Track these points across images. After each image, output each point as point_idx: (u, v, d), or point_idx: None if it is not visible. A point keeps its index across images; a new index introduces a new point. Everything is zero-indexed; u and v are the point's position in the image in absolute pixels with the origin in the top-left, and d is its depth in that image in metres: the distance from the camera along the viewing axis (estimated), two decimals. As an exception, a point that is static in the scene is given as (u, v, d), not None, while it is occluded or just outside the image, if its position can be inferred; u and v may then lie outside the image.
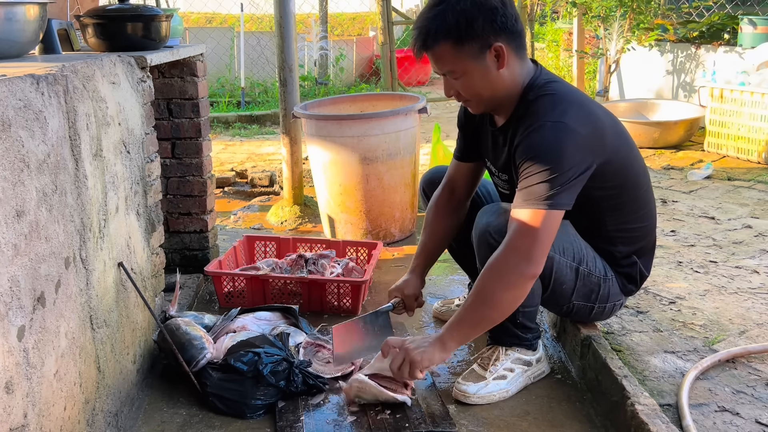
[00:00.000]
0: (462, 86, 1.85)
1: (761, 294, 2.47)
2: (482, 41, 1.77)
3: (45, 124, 1.41)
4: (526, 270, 1.77)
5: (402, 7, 11.30)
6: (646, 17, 5.47)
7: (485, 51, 1.78)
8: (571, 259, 1.94)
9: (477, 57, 1.78)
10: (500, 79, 1.82)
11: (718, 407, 1.78)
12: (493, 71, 1.81)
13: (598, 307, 2.06)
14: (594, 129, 1.79)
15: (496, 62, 1.80)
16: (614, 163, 1.86)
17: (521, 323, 2.02)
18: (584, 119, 1.78)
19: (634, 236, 2.03)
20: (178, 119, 2.79)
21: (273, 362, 1.98)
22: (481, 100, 1.89)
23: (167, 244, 2.77)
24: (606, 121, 1.87)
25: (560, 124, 1.74)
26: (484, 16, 1.75)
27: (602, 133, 1.82)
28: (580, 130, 1.75)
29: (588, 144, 1.77)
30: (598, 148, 1.80)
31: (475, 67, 1.80)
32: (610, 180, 1.88)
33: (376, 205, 3.31)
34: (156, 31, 2.25)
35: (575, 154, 1.74)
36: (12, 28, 1.71)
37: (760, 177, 4.13)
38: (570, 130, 1.74)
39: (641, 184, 2.00)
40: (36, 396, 1.34)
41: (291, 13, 3.66)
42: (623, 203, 1.97)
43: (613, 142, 1.86)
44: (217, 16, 11.26)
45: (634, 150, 2.00)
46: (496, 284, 1.79)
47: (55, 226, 1.45)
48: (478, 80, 1.82)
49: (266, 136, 6.27)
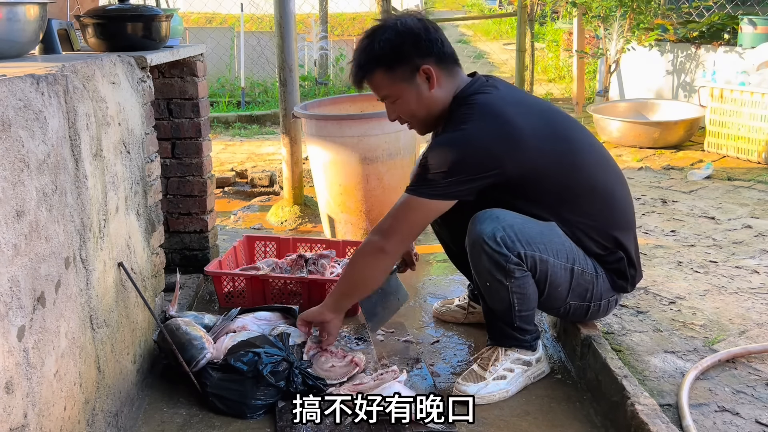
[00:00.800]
0: (400, 109, 2.01)
1: (761, 294, 2.47)
2: (411, 65, 1.93)
3: (45, 124, 1.41)
4: (377, 242, 1.98)
5: (402, 8, 11.30)
6: (646, 17, 5.47)
7: (415, 74, 1.93)
8: (565, 260, 1.95)
9: (408, 80, 1.94)
10: (433, 99, 1.96)
11: (718, 407, 1.78)
12: (425, 92, 1.96)
13: (594, 305, 2.06)
14: (502, 138, 1.85)
15: (427, 83, 1.95)
16: (540, 169, 1.89)
17: (519, 326, 2.03)
18: (491, 129, 1.86)
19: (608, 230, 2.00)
20: (178, 119, 2.79)
21: (273, 362, 1.98)
22: (419, 120, 2.04)
23: (167, 244, 2.77)
24: (530, 130, 1.88)
25: (459, 131, 1.87)
26: (409, 42, 1.91)
27: (514, 142, 1.86)
28: (480, 135, 1.84)
29: (485, 152, 1.85)
30: (506, 153, 1.85)
31: (408, 89, 1.96)
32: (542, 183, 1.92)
33: (376, 205, 3.31)
34: (156, 31, 2.25)
35: (460, 157, 1.84)
36: (12, 28, 1.71)
37: (760, 177, 4.14)
38: (465, 137, 1.86)
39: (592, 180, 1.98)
40: (36, 396, 1.34)
41: (291, 13, 3.66)
42: (578, 201, 1.97)
43: (537, 147, 1.88)
44: (217, 16, 11.26)
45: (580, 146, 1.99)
46: (358, 251, 2.07)
47: (55, 226, 1.45)
48: (413, 102, 1.97)
49: (266, 136, 6.27)
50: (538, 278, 1.94)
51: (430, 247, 3.31)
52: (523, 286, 1.93)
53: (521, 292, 1.94)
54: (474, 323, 2.49)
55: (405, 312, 2.64)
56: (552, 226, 1.97)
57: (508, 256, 1.88)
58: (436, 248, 3.27)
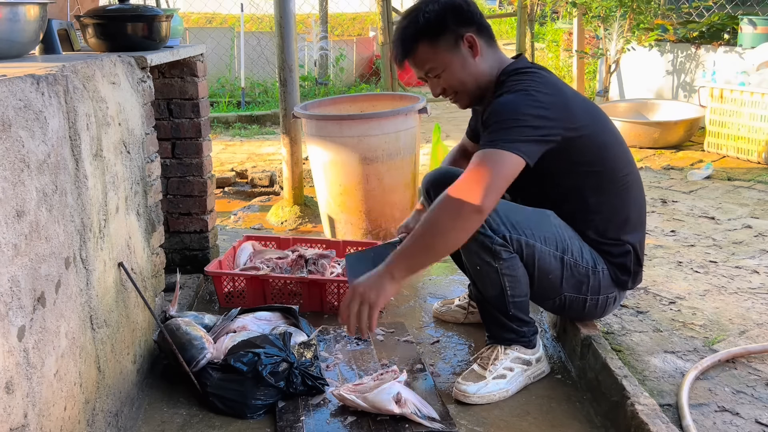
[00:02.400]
0: (445, 81, 2.01)
1: (761, 294, 2.47)
2: (454, 34, 1.95)
3: (45, 124, 1.41)
4: (471, 204, 1.75)
5: (402, 8, 11.30)
6: (646, 17, 5.47)
7: (459, 42, 1.96)
8: (554, 248, 1.97)
9: (453, 49, 1.96)
10: (477, 68, 1.99)
11: (718, 407, 1.78)
12: (470, 60, 1.98)
13: (591, 299, 2.06)
14: (559, 100, 1.89)
15: (470, 51, 1.97)
16: (585, 139, 1.93)
17: (514, 315, 2.03)
18: (548, 92, 1.88)
19: (623, 220, 2.04)
20: (178, 119, 2.79)
21: (272, 363, 1.98)
22: (465, 90, 2.03)
23: (167, 244, 2.77)
24: (575, 100, 1.96)
25: (521, 91, 1.87)
26: (452, 13, 1.95)
27: (569, 106, 1.91)
28: (541, 98, 1.86)
29: (549, 110, 1.86)
30: (562, 118, 1.88)
31: (453, 58, 1.97)
32: (585, 155, 1.95)
33: (376, 205, 3.31)
34: (156, 32, 2.25)
35: (534, 112, 1.83)
36: (12, 28, 1.71)
37: (760, 177, 4.14)
38: (531, 96, 1.86)
39: (620, 166, 2.04)
40: (36, 396, 1.34)
41: (291, 13, 3.66)
42: (603, 183, 2.01)
43: (584, 118, 1.94)
44: (217, 16, 11.26)
45: (612, 134, 2.05)
46: (443, 212, 1.78)
47: (55, 226, 1.45)
48: (459, 70, 1.98)
49: (266, 136, 6.27)
50: (525, 262, 1.96)
51: (430, 247, 3.31)
52: (513, 267, 1.95)
53: (511, 274, 1.95)
54: (474, 323, 2.49)
55: (405, 312, 2.64)
56: (546, 214, 2.01)
57: (492, 238, 1.91)
58: (436, 248, 3.27)
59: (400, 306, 2.68)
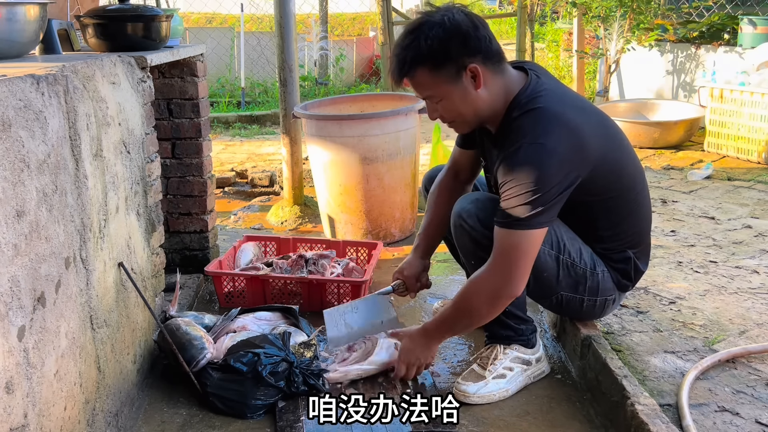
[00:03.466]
0: (443, 109, 1.90)
1: (761, 294, 2.47)
2: (457, 64, 1.80)
3: (45, 124, 1.41)
4: (507, 290, 1.85)
5: (402, 8, 11.30)
6: (646, 17, 5.47)
7: (461, 73, 1.81)
8: (550, 247, 1.95)
9: (454, 80, 1.82)
10: (479, 99, 1.85)
11: (718, 407, 1.78)
12: (472, 92, 1.84)
13: (589, 300, 2.06)
14: (575, 144, 1.79)
15: (473, 83, 1.83)
16: (602, 170, 1.87)
17: (511, 312, 2.03)
18: (565, 136, 1.78)
19: (629, 237, 2.03)
20: (178, 119, 2.79)
21: (272, 363, 1.98)
22: (464, 121, 1.93)
23: (167, 244, 2.77)
24: (589, 129, 1.85)
25: (538, 146, 1.75)
26: (457, 41, 1.79)
27: (585, 146, 1.81)
28: (559, 149, 1.76)
29: (568, 161, 1.77)
30: (580, 162, 1.80)
31: (454, 89, 1.84)
32: (600, 185, 1.90)
33: (376, 205, 3.31)
34: (156, 32, 2.25)
35: (555, 174, 1.76)
36: (12, 28, 1.71)
37: (760, 177, 4.13)
38: (549, 151, 1.75)
39: (635, 186, 2.00)
40: (36, 396, 1.34)
41: (291, 13, 3.66)
42: (617, 206, 1.98)
43: (599, 149, 1.86)
44: (217, 16, 11.26)
45: (626, 151, 2.00)
46: (478, 299, 1.89)
47: (55, 226, 1.45)
48: (459, 102, 1.86)
49: (266, 136, 6.27)
50: None
51: (430, 247, 3.31)
52: None
53: None
54: (474, 323, 2.49)
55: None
56: None
57: (485, 233, 1.90)
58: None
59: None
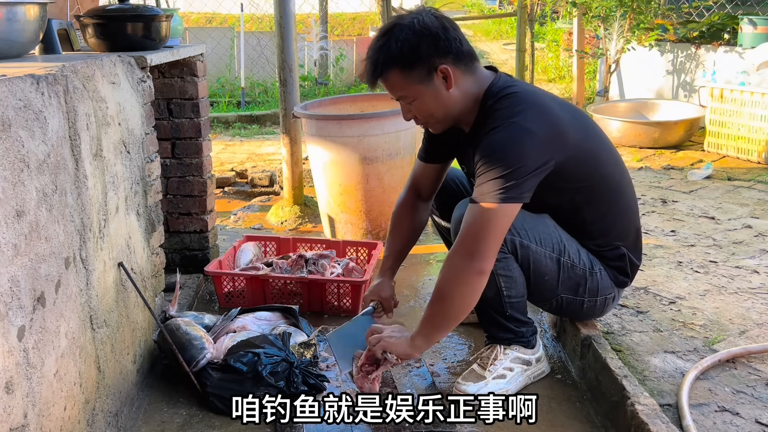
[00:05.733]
0: (416, 109, 1.93)
1: (761, 294, 2.47)
2: (428, 65, 1.84)
3: (45, 124, 1.41)
4: (473, 265, 1.80)
5: (402, 8, 11.29)
6: (646, 17, 5.47)
7: (432, 74, 1.85)
8: (551, 249, 1.96)
9: (425, 80, 1.86)
10: (451, 99, 1.89)
11: (718, 407, 1.78)
12: (443, 92, 1.88)
13: (589, 301, 2.06)
14: (551, 127, 1.83)
15: (444, 83, 1.87)
16: (578, 158, 1.89)
17: (511, 315, 2.03)
18: (541, 119, 1.82)
19: (617, 229, 2.03)
20: (178, 119, 2.79)
21: (272, 363, 1.98)
22: (437, 121, 1.96)
23: (167, 244, 2.77)
24: (566, 118, 1.90)
25: (514, 124, 1.80)
26: (426, 43, 1.83)
27: (561, 131, 1.85)
28: (534, 129, 1.80)
29: (543, 142, 1.81)
30: (556, 146, 1.83)
31: (425, 90, 1.87)
32: (577, 173, 1.92)
33: (376, 205, 3.31)
34: (156, 31, 2.25)
35: (529, 151, 1.78)
36: (12, 28, 1.71)
37: (760, 177, 4.14)
38: (524, 129, 1.79)
39: (613, 175, 2.02)
40: (36, 396, 1.34)
41: (291, 13, 3.66)
42: (598, 197, 1.99)
43: (575, 136, 1.89)
44: (217, 16, 11.26)
45: (602, 141, 2.02)
46: (448, 281, 1.85)
47: (55, 226, 1.45)
48: (430, 102, 1.90)
49: (266, 136, 6.27)
50: (521, 263, 1.95)
51: (430, 247, 3.31)
52: (508, 268, 1.95)
53: (507, 275, 1.95)
54: (474, 323, 2.48)
55: (405, 312, 2.64)
56: (543, 216, 1.99)
57: None
58: (436, 248, 3.27)
59: (401, 306, 2.68)
